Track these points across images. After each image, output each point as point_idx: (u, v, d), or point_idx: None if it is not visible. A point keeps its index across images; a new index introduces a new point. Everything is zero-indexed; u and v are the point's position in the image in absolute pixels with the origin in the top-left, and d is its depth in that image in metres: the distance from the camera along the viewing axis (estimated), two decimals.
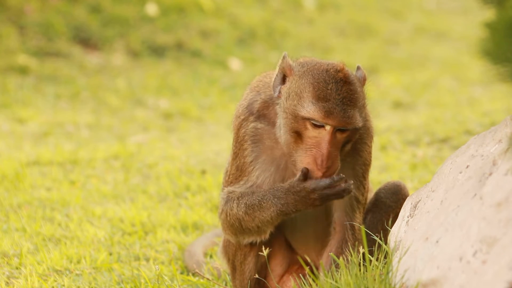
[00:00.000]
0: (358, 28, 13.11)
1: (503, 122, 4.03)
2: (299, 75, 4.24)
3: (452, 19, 14.30)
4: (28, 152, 7.81)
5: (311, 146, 4.21)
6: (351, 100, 4.18)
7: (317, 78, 4.20)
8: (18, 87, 10.49)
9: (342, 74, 4.20)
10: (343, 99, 4.17)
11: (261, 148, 4.38)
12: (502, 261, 3.44)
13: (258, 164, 4.38)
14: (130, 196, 6.60)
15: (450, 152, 6.98)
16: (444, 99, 9.97)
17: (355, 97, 4.20)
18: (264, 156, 4.38)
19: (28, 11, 11.78)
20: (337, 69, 4.21)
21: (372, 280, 3.90)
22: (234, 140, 4.46)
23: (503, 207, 3.55)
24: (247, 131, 4.40)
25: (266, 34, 12.51)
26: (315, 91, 4.17)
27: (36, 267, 5.23)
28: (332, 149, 4.20)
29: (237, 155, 4.43)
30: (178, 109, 10.07)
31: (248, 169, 4.39)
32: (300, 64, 4.30)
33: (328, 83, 4.18)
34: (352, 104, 4.18)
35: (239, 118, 4.43)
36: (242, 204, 4.36)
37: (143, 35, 12.00)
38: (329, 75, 4.19)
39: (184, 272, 5.29)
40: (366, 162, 4.46)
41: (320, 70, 4.22)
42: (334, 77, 4.19)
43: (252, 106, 4.42)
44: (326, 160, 4.18)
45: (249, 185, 4.40)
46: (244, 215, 4.36)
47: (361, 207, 4.48)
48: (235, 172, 4.44)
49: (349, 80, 4.21)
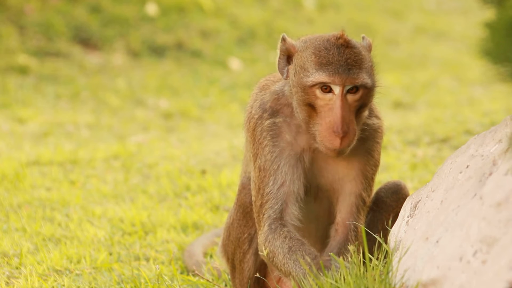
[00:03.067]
0: (358, 28, 13.11)
1: (503, 122, 4.03)
2: (302, 50, 4.26)
3: (452, 19, 14.30)
4: (28, 152, 7.81)
5: (325, 115, 4.19)
6: (356, 61, 4.18)
7: (318, 47, 4.21)
8: (18, 87, 10.49)
9: (343, 39, 4.21)
10: (347, 60, 4.17)
11: (283, 144, 4.34)
12: (502, 261, 3.44)
13: (283, 160, 4.34)
14: (130, 196, 6.60)
15: (450, 152, 6.98)
16: (444, 99, 9.97)
17: (359, 59, 4.20)
18: (288, 151, 4.34)
19: (28, 11, 11.78)
20: (337, 37, 4.23)
21: (372, 280, 3.90)
22: (251, 142, 4.40)
23: (503, 207, 3.55)
24: (263, 127, 4.36)
25: (266, 34, 12.51)
26: (317, 58, 4.18)
27: (36, 267, 5.22)
28: (346, 113, 4.17)
29: (257, 156, 4.36)
30: (178, 109, 10.07)
31: (273, 166, 4.33)
32: (303, 40, 4.32)
33: (330, 49, 4.19)
34: (357, 65, 4.18)
35: (253, 119, 4.40)
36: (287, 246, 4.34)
37: (143, 35, 12.00)
38: (330, 43, 4.21)
39: (184, 272, 5.29)
40: (377, 163, 4.44)
41: (321, 41, 4.24)
42: (335, 44, 4.20)
43: (265, 104, 4.40)
44: (341, 124, 4.15)
45: (279, 184, 4.34)
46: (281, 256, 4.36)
47: (366, 209, 4.47)
48: (259, 174, 4.36)
49: (351, 45, 4.22)
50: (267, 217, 4.33)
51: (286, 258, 4.27)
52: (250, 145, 4.42)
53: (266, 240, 4.32)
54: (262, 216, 4.35)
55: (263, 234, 4.34)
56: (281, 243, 4.29)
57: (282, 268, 4.29)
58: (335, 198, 4.43)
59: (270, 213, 4.33)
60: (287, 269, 4.27)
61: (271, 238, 4.31)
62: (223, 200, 6.42)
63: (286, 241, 4.28)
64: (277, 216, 4.32)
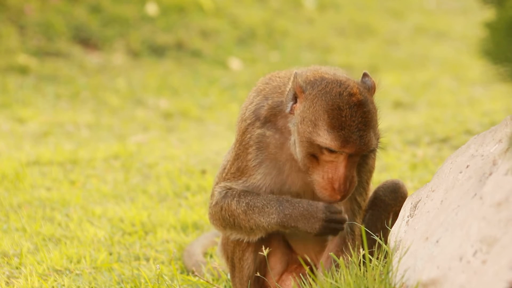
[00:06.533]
0: (358, 28, 13.11)
1: (503, 122, 4.03)
2: (311, 99, 4.18)
3: (452, 19, 14.30)
4: (28, 152, 7.81)
5: (327, 169, 4.21)
6: (366, 124, 4.14)
7: (331, 104, 4.14)
8: (18, 87, 10.49)
9: (356, 98, 4.14)
10: (358, 125, 4.12)
11: (266, 155, 4.36)
12: (502, 261, 3.44)
13: (261, 169, 4.37)
14: (130, 196, 6.60)
15: (450, 152, 6.98)
16: (444, 99, 9.97)
17: (369, 119, 4.15)
18: (268, 161, 4.37)
19: (28, 11, 11.78)
20: (350, 93, 4.15)
21: (372, 280, 3.90)
22: (238, 142, 4.42)
23: (503, 207, 3.55)
24: (252, 137, 4.36)
25: (266, 34, 12.51)
26: (329, 119, 4.12)
27: (36, 267, 5.23)
28: (349, 172, 4.21)
29: (239, 157, 4.41)
30: (178, 109, 10.07)
31: (249, 172, 4.38)
32: (310, 83, 4.22)
33: (342, 109, 4.12)
34: (367, 128, 4.14)
35: (245, 122, 4.40)
36: (244, 203, 4.36)
37: (143, 35, 12.01)
38: (342, 100, 4.13)
39: (184, 272, 5.29)
40: (372, 169, 4.47)
41: (333, 95, 4.16)
42: (348, 102, 4.13)
43: (259, 111, 4.37)
44: (343, 184, 4.19)
45: (248, 185, 4.39)
46: (242, 214, 4.36)
47: (362, 212, 4.49)
48: (235, 172, 4.42)
49: (363, 103, 4.15)
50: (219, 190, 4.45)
51: (248, 214, 4.34)
52: (236, 143, 4.45)
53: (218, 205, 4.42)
54: (214, 186, 4.50)
55: (213, 200, 4.46)
56: (237, 202, 4.36)
57: (247, 225, 4.36)
58: None
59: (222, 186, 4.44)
60: (253, 223, 4.34)
61: (224, 203, 4.40)
62: None
63: (242, 199, 4.36)
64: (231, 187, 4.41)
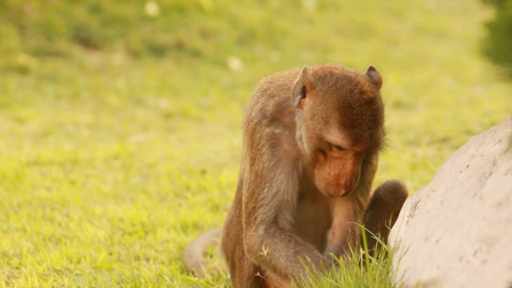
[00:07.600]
0: (358, 28, 13.11)
1: (503, 122, 4.03)
2: (322, 95, 4.20)
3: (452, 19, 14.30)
4: (28, 152, 7.81)
5: (335, 166, 4.23)
6: (375, 122, 4.18)
7: (342, 102, 4.16)
8: (18, 87, 10.49)
9: (367, 96, 4.17)
10: (369, 123, 4.15)
11: (280, 152, 4.35)
12: (502, 261, 3.44)
13: (280, 168, 4.35)
14: (130, 196, 6.60)
15: (450, 152, 6.98)
16: (444, 99, 9.96)
17: (378, 117, 4.19)
18: (284, 159, 4.36)
19: (28, 11, 11.78)
20: (361, 90, 4.17)
21: (372, 280, 3.90)
22: (249, 145, 4.40)
23: (503, 207, 3.55)
24: (263, 135, 4.36)
25: (266, 34, 12.51)
26: (341, 117, 4.14)
27: (36, 267, 5.23)
28: (356, 168, 4.24)
29: (255, 161, 4.37)
30: (178, 109, 10.07)
31: (269, 174, 4.35)
32: (320, 79, 4.24)
33: (354, 107, 4.15)
34: (376, 126, 4.18)
35: (252, 122, 4.39)
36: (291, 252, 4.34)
37: (143, 35, 12.00)
38: (353, 98, 4.16)
39: (184, 272, 5.29)
40: (375, 169, 4.49)
41: (344, 92, 4.18)
42: (359, 100, 4.16)
43: (265, 109, 4.37)
44: (350, 180, 4.23)
45: (275, 191, 4.37)
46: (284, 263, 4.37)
47: (363, 212, 4.49)
48: (255, 179, 4.38)
49: (373, 100, 4.18)
50: (261, 221, 4.36)
51: (290, 261, 4.29)
52: (248, 147, 4.42)
53: (263, 243, 4.34)
54: (253, 218, 4.38)
55: (258, 237, 4.37)
56: (285, 246, 4.32)
57: (282, 271, 4.31)
58: (331, 202, 4.44)
59: (263, 217, 4.36)
60: (289, 271, 4.30)
61: (271, 241, 4.33)
62: (223, 200, 6.43)
63: (291, 245, 4.31)
64: (271, 221, 4.35)
